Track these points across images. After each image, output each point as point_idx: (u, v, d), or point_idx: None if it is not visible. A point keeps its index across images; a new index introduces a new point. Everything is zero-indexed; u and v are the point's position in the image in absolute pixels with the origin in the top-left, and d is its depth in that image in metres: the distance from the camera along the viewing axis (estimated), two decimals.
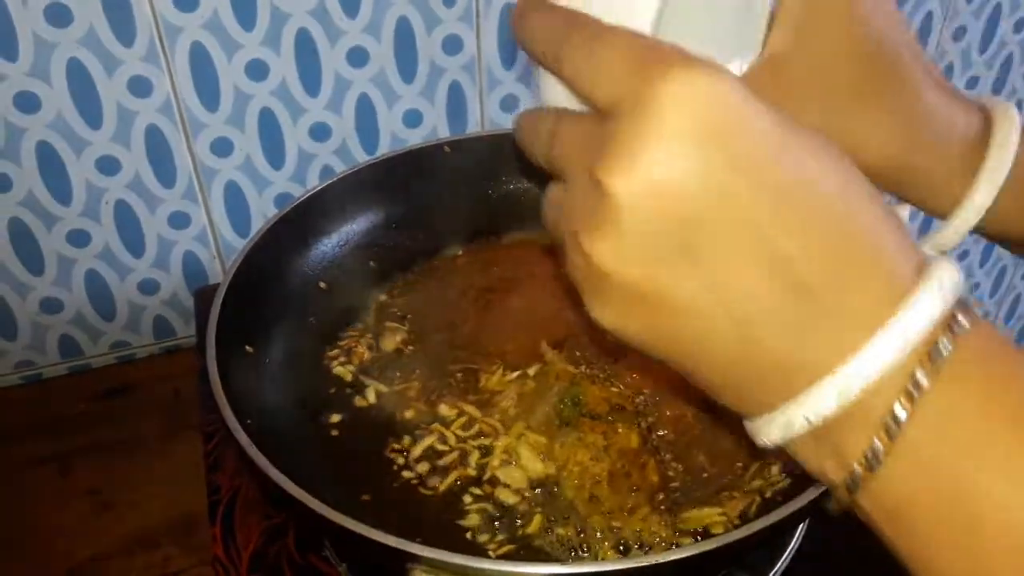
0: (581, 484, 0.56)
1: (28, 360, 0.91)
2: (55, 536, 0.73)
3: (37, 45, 0.74)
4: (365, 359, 0.68)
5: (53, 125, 0.78)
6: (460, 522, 0.56)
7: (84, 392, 0.87)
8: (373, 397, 0.65)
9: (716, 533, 0.54)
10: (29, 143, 0.79)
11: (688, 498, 0.57)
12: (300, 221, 0.72)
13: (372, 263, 0.77)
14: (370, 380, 0.66)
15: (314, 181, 0.91)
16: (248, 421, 0.53)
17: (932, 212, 0.46)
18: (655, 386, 0.63)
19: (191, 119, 0.83)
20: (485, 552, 0.54)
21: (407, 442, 0.61)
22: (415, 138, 0.93)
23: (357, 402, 0.65)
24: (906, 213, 0.46)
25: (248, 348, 0.63)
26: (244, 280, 0.64)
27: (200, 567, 0.70)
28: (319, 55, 0.84)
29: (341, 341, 0.70)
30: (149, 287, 0.92)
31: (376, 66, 0.87)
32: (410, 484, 0.59)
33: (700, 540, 0.52)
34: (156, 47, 0.78)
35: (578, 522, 0.55)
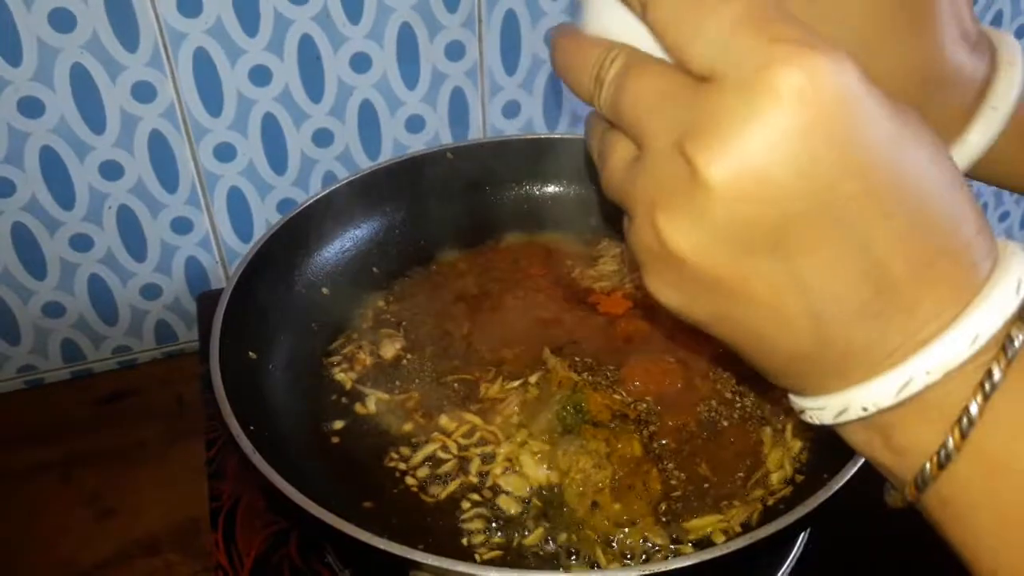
0: (584, 492, 0.56)
1: (30, 365, 0.91)
2: (57, 542, 0.73)
3: (41, 50, 0.74)
4: (367, 366, 0.68)
5: (56, 130, 0.79)
6: (462, 528, 0.56)
7: (86, 397, 0.88)
8: (374, 405, 0.65)
9: (718, 542, 0.54)
10: (32, 148, 0.79)
11: (690, 507, 0.57)
12: (303, 227, 0.72)
13: (374, 269, 0.77)
14: (372, 387, 0.66)
15: (317, 187, 0.91)
16: (251, 427, 0.53)
17: None
18: (657, 395, 0.63)
19: (194, 124, 0.83)
20: (486, 559, 0.54)
21: (408, 450, 0.61)
22: (417, 144, 0.93)
23: (358, 409, 0.65)
24: None
25: (251, 354, 0.63)
26: (247, 285, 0.64)
27: (202, 574, 0.70)
28: (322, 61, 0.84)
29: (343, 348, 0.70)
30: (152, 292, 0.92)
31: (379, 72, 0.87)
32: (411, 491, 0.59)
33: (702, 549, 0.52)
34: (160, 52, 0.78)
35: (580, 530, 0.55)
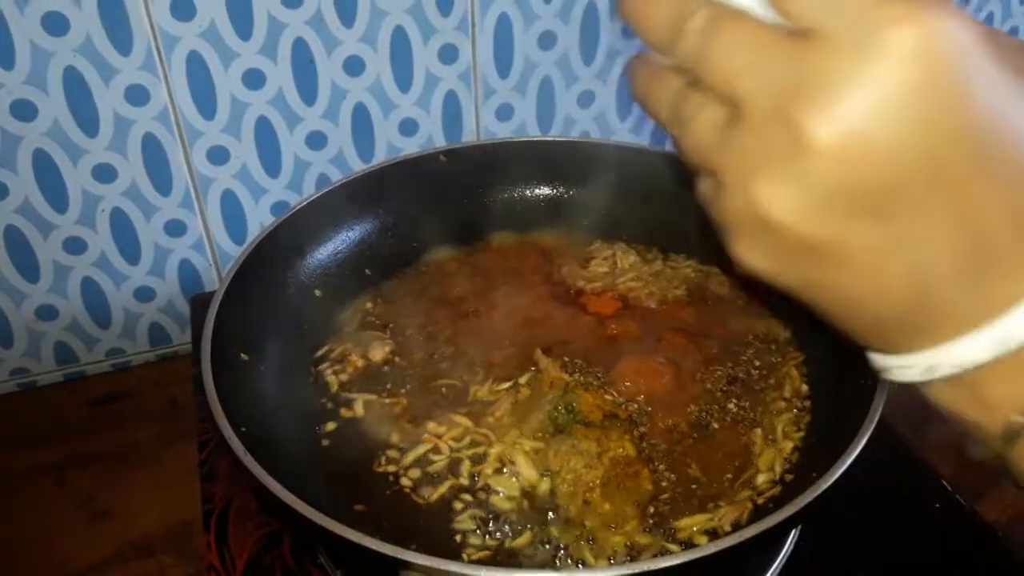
0: (575, 491, 0.57)
1: (23, 367, 0.91)
2: (51, 544, 0.73)
3: (34, 53, 0.75)
4: (358, 368, 0.68)
5: (50, 133, 0.79)
6: (453, 529, 0.57)
7: (79, 399, 0.88)
8: (365, 407, 0.65)
9: (707, 542, 0.54)
10: (25, 151, 0.79)
11: (680, 507, 0.57)
12: (296, 229, 0.72)
13: (367, 271, 0.77)
14: (363, 389, 0.66)
15: (310, 189, 0.92)
16: (243, 429, 0.53)
17: None
18: (648, 395, 0.63)
19: (188, 128, 0.83)
20: (477, 559, 0.54)
21: (399, 452, 0.61)
22: (411, 147, 0.93)
23: (350, 411, 0.65)
24: None
25: (243, 356, 0.63)
26: (240, 288, 0.64)
27: (195, 575, 0.70)
28: (315, 64, 0.84)
29: (335, 350, 0.70)
30: (145, 295, 0.92)
31: (372, 75, 0.87)
32: (403, 492, 0.59)
33: (691, 548, 0.52)
34: (153, 56, 0.78)
35: (571, 529, 0.55)
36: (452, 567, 0.45)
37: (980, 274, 0.28)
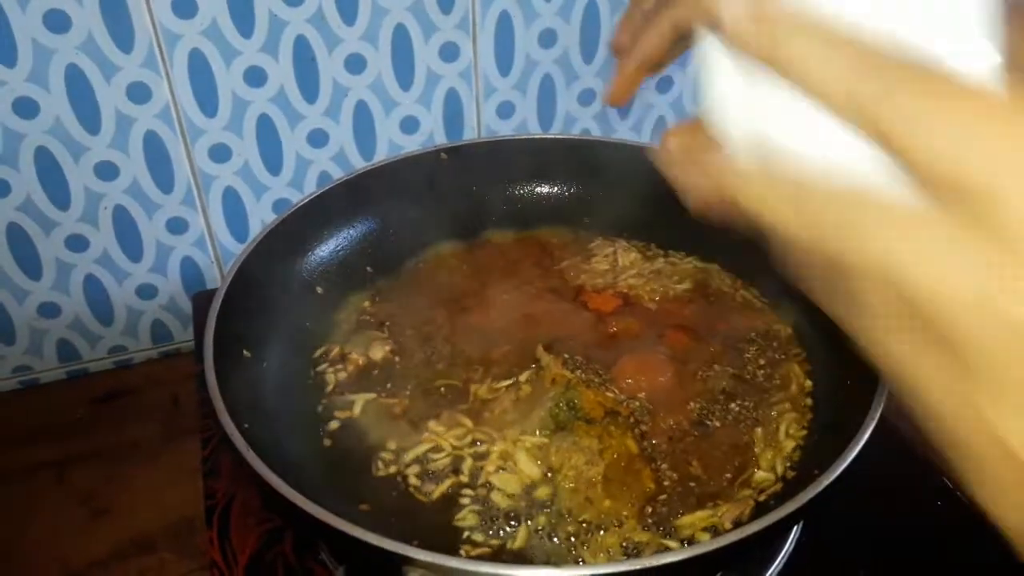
0: (576, 488, 0.57)
1: (26, 365, 0.91)
2: (52, 541, 0.73)
3: (36, 51, 0.75)
4: (359, 366, 0.68)
5: (52, 131, 0.79)
6: (456, 526, 0.57)
7: (82, 397, 0.88)
8: (366, 406, 0.65)
9: (708, 539, 0.54)
10: (28, 148, 0.79)
11: (682, 505, 0.57)
12: (297, 227, 0.72)
13: (368, 268, 0.77)
14: (364, 388, 0.66)
15: (312, 187, 0.92)
16: (245, 425, 0.53)
17: None
18: (649, 392, 0.63)
19: (189, 125, 0.83)
20: (479, 555, 0.55)
21: (400, 450, 0.61)
22: (412, 144, 0.93)
23: (350, 410, 0.65)
24: None
25: (245, 352, 0.64)
26: (242, 285, 0.64)
27: (197, 572, 0.70)
28: (317, 62, 0.84)
29: (336, 347, 0.70)
30: (147, 292, 0.92)
31: (374, 73, 0.87)
32: (404, 490, 0.59)
33: (693, 545, 0.52)
34: (155, 54, 0.78)
35: (572, 525, 0.55)
36: (454, 563, 0.45)
37: None
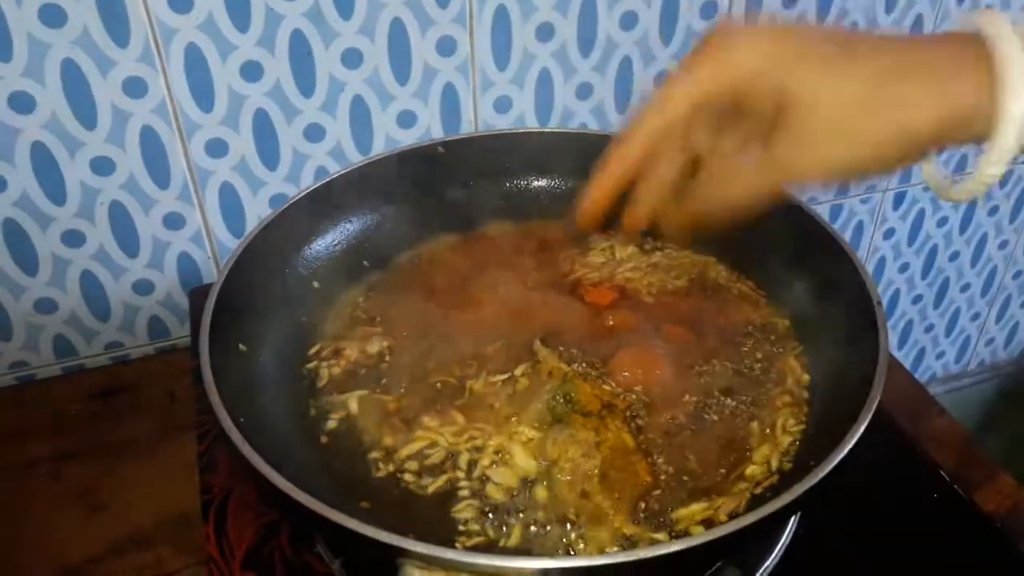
0: (573, 480, 0.57)
1: (22, 361, 0.91)
2: (49, 537, 0.73)
3: (31, 45, 0.74)
4: (354, 361, 0.68)
5: (47, 126, 0.79)
6: (452, 519, 0.57)
7: (78, 393, 0.88)
8: (362, 401, 0.65)
9: (703, 531, 0.54)
10: (23, 143, 0.79)
11: (678, 498, 0.57)
12: (294, 221, 0.72)
13: (365, 262, 0.77)
14: (359, 382, 0.66)
15: (308, 182, 0.92)
16: (241, 420, 0.53)
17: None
18: (646, 385, 0.63)
19: (186, 120, 0.83)
20: (474, 547, 0.55)
21: (396, 444, 0.61)
22: (409, 139, 0.93)
23: (347, 403, 0.65)
24: None
25: (242, 347, 0.63)
26: (238, 280, 0.64)
27: (194, 567, 0.70)
28: (313, 56, 0.84)
29: (332, 342, 0.70)
30: (144, 288, 0.92)
31: (370, 67, 0.87)
32: (400, 484, 0.59)
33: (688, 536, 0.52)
34: (151, 48, 0.78)
35: (568, 517, 0.55)
36: (449, 554, 0.45)
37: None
